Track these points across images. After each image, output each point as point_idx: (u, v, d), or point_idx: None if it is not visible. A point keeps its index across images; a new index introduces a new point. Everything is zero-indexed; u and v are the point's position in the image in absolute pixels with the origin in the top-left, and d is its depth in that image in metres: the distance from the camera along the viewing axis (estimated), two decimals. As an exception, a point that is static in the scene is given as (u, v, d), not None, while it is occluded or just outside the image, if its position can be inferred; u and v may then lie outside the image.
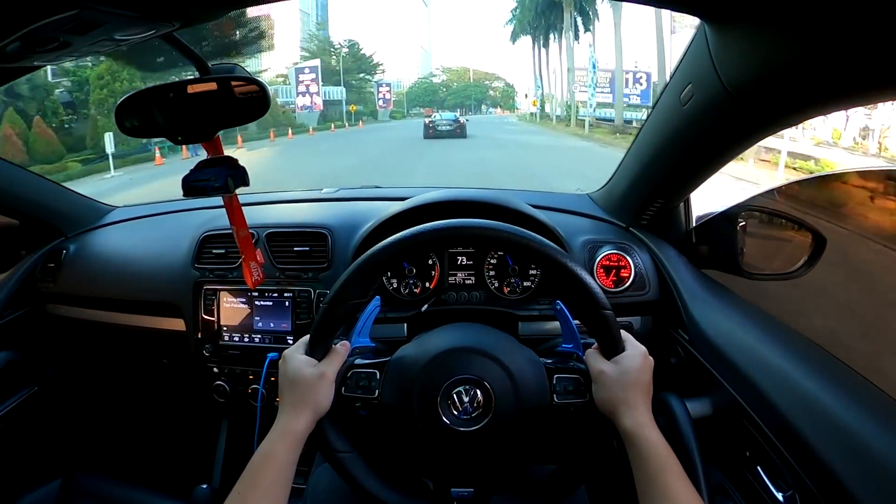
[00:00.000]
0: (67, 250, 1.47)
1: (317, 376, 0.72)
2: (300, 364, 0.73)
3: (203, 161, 0.87)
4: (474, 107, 64.52)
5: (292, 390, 0.72)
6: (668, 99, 0.93)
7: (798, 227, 1.05)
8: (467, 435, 0.73)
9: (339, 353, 0.75)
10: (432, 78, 67.21)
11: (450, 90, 64.46)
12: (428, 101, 59.54)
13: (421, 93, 62.36)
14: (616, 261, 1.19)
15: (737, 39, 0.67)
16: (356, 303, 0.75)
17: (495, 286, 1.24)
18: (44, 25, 0.50)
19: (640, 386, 0.71)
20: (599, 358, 0.74)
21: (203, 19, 0.64)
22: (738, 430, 0.83)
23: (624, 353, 0.73)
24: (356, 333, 0.79)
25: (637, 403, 0.70)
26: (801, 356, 0.81)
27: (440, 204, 1.21)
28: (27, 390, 1.39)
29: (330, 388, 0.73)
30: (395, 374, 0.76)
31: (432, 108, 48.99)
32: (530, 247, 0.74)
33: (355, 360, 0.78)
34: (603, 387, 0.72)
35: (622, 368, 0.71)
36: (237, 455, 1.40)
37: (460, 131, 21.99)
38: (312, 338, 0.75)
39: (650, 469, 0.66)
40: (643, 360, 0.73)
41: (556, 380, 0.76)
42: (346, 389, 0.75)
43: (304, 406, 0.71)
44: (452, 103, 60.22)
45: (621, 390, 0.70)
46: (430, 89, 63.31)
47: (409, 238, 0.74)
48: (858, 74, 0.57)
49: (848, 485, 0.61)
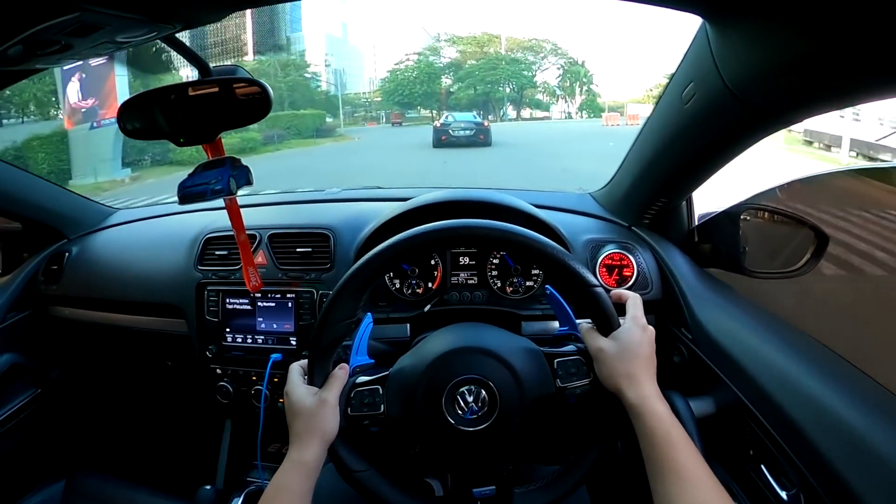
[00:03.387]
0: (70, 252, 1.47)
1: (319, 404, 0.72)
2: (301, 395, 0.73)
3: (202, 164, 0.87)
4: (498, 106, 35.40)
5: (298, 422, 0.72)
6: (669, 98, 0.93)
7: (800, 225, 1.05)
8: (477, 434, 0.73)
9: (339, 377, 0.75)
10: (429, 57, 36.00)
11: (463, 73, 34.86)
12: (416, 98, 34.41)
13: (399, 87, 34.03)
14: (619, 260, 1.19)
15: (738, 38, 0.66)
16: (347, 323, 0.75)
17: (498, 286, 1.24)
18: (45, 28, 0.51)
19: (642, 358, 0.71)
20: (597, 336, 0.74)
21: (204, 21, 0.65)
22: (742, 429, 0.83)
23: (621, 328, 0.73)
24: (354, 353, 0.79)
25: (640, 376, 0.69)
26: (805, 355, 0.81)
27: (442, 204, 1.21)
28: (31, 392, 1.39)
29: (334, 413, 0.73)
30: (397, 386, 0.76)
31: (400, 114, 33.36)
32: (509, 238, 0.74)
33: (356, 379, 0.77)
34: (604, 364, 0.71)
35: (621, 343, 0.71)
36: (240, 456, 1.40)
37: (484, 137, 17.30)
38: (309, 366, 0.76)
39: (657, 441, 0.65)
40: (642, 332, 0.73)
41: (557, 364, 0.76)
42: (353, 409, 0.75)
43: (311, 435, 0.71)
44: (467, 100, 33.70)
45: (623, 365, 0.70)
46: (425, 76, 34.26)
47: (380, 254, 0.74)
48: (860, 72, 0.57)
49: (852, 483, 0.61)
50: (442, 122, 18.63)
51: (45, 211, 1.47)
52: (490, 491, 0.74)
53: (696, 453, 0.65)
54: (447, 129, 17.46)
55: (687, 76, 0.84)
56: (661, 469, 0.64)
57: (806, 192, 1.14)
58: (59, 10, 0.48)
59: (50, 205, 1.48)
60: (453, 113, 23.60)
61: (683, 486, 0.62)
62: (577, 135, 20.53)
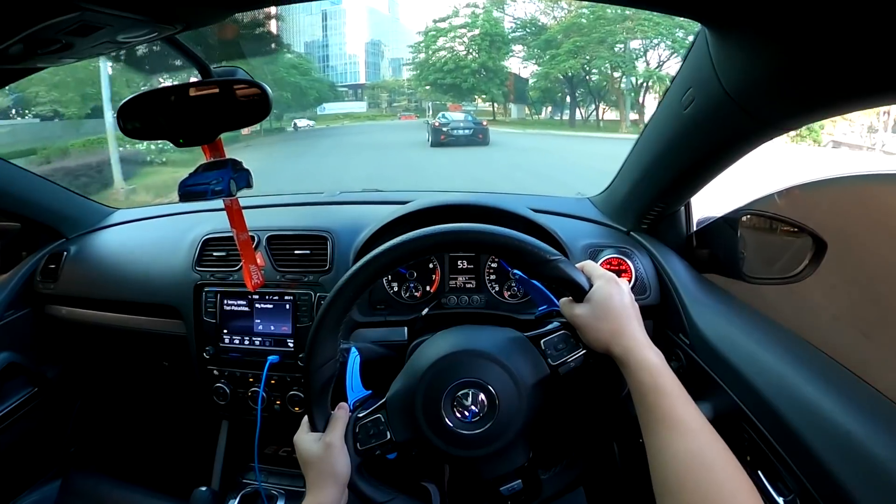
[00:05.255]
0: (68, 252, 1.47)
1: (325, 448, 0.72)
2: (307, 443, 0.74)
3: (204, 164, 0.87)
4: (588, 100, 21.73)
5: (309, 470, 0.73)
6: (668, 103, 0.93)
7: (798, 230, 1.05)
8: (483, 435, 0.72)
9: (340, 418, 0.75)
10: (493, 12, 22.56)
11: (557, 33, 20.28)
12: (466, 78, 22.54)
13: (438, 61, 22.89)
14: (617, 265, 1.19)
15: (737, 44, 0.67)
16: (332, 363, 0.75)
17: (496, 290, 1.24)
18: (46, 27, 0.51)
19: (622, 312, 0.70)
20: (572, 304, 0.73)
21: (206, 22, 0.65)
22: (740, 435, 0.83)
23: (593, 288, 0.72)
24: (349, 389, 0.80)
25: (623, 330, 0.69)
26: (803, 360, 0.81)
27: (440, 208, 1.21)
28: (28, 391, 1.39)
29: (342, 454, 0.73)
30: (396, 410, 0.76)
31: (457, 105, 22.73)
32: (459, 238, 0.73)
33: (358, 413, 0.77)
34: (586, 329, 0.71)
35: (595, 303, 0.70)
36: (237, 458, 1.39)
37: (483, 137, 16.41)
38: (308, 413, 0.76)
39: (645, 391, 0.63)
40: (613, 286, 0.72)
41: (544, 344, 0.75)
42: (361, 444, 0.75)
43: (324, 480, 0.71)
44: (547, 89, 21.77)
45: (603, 323, 0.69)
46: (484, 43, 21.94)
47: (341, 292, 0.73)
48: (859, 78, 0.57)
49: (849, 489, 0.61)
50: (440, 121, 17.66)
51: (43, 210, 1.48)
52: (517, 485, 0.74)
53: (690, 402, 0.62)
54: (445, 129, 16.58)
55: (686, 82, 0.84)
56: (652, 419, 0.62)
57: (806, 198, 1.14)
58: (60, 10, 0.48)
59: (49, 203, 1.48)
60: (446, 113, 19.54)
61: (675, 435, 0.59)
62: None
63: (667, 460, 0.59)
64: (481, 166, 12.51)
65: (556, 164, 12.60)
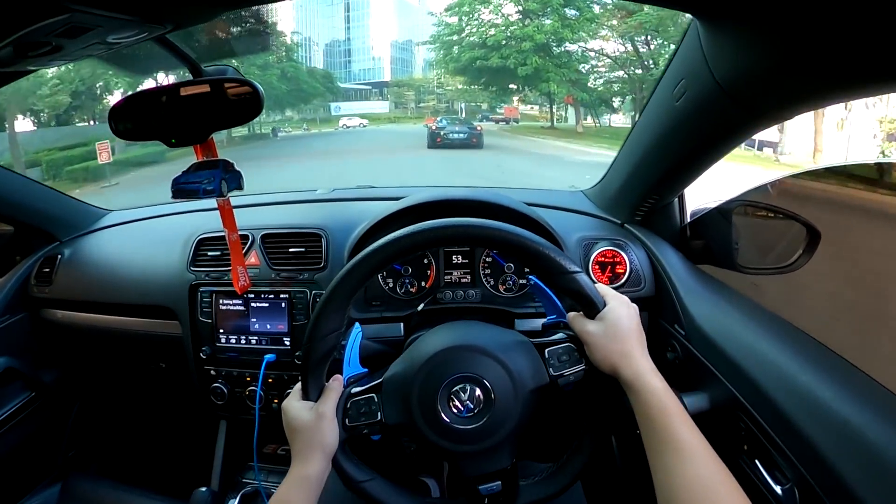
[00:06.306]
0: (62, 255, 1.47)
1: (316, 418, 0.72)
2: (297, 410, 0.73)
3: (196, 163, 0.87)
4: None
5: (297, 437, 0.72)
6: (660, 95, 0.93)
7: (792, 221, 1.05)
8: (475, 431, 0.73)
9: (334, 389, 0.75)
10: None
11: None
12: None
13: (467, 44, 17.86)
14: (611, 257, 1.19)
15: (729, 36, 0.67)
16: (336, 334, 0.74)
17: (491, 284, 1.25)
18: (35, 30, 0.50)
19: (631, 335, 0.71)
20: (584, 320, 0.73)
21: (196, 21, 0.64)
22: (736, 425, 0.83)
23: (606, 308, 0.73)
24: (346, 364, 0.79)
25: (632, 353, 0.70)
26: (798, 350, 0.81)
27: (434, 203, 1.21)
28: (25, 396, 1.39)
29: (332, 426, 0.72)
30: (391, 392, 0.76)
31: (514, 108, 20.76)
32: (485, 234, 0.73)
33: (351, 389, 0.77)
34: (595, 347, 0.71)
35: (608, 323, 0.71)
36: (236, 457, 1.40)
37: (476, 140, 16.29)
38: (303, 381, 0.75)
39: (653, 415, 0.65)
40: (627, 308, 0.73)
41: (548, 354, 0.76)
42: (350, 420, 0.75)
43: (311, 450, 0.71)
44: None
45: (614, 344, 0.70)
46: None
47: (359, 265, 0.73)
48: (849, 69, 0.57)
49: (846, 477, 0.61)
50: (437, 125, 17.60)
51: (37, 213, 1.47)
52: (496, 486, 0.74)
53: (694, 427, 0.64)
54: (442, 132, 16.71)
55: (678, 74, 0.84)
56: (659, 443, 0.63)
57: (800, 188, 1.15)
58: (49, 12, 0.48)
59: (42, 207, 1.47)
60: (443, 118, 18.88)
61: (681, 459, 0.61)
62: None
63: (675, 485, 0.61)
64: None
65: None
